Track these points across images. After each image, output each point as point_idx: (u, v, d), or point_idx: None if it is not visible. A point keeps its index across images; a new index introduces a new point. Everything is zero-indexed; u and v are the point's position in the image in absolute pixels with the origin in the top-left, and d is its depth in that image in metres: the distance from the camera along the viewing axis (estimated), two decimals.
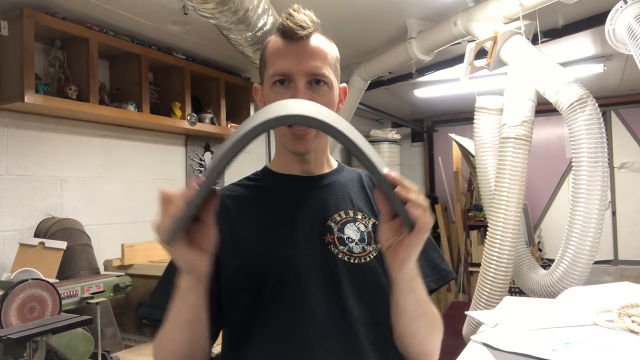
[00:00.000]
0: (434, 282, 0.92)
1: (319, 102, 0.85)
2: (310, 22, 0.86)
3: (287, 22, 0.85)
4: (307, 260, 0.84)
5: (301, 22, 0.85)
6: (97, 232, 2.46)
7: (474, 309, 2.16)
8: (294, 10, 0.87)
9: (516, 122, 2.03)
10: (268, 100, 0.89)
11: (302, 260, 0.83)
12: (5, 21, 2.01)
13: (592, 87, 2.11)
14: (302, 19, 0.86)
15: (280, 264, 0.84)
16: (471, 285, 4.19)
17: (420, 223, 0.66)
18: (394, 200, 0.65)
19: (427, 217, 0.67)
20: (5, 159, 2.12)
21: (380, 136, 4.93)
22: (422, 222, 0.66)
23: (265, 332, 0.82)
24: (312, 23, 0.87)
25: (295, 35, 0.85)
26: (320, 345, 0.80)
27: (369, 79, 3.24)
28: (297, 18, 0.85)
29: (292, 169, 0.93)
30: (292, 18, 0.85)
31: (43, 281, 1.56)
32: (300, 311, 0.81)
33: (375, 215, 0.92)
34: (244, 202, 0.91)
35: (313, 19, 0.88)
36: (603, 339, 0.96)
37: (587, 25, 2.57)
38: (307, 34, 0.86)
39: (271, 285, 0.83)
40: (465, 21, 2.32)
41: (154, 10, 2.23)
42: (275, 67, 0.86)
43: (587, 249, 1.84)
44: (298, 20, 0.85)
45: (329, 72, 0.87)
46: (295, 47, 0.86)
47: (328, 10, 2.38)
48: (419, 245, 0.70)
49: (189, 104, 2.79)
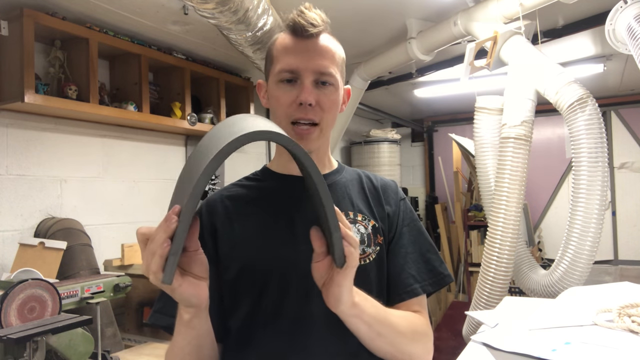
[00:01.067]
0: (431, 286, 0.92)
1: (324, 102, 0.86)
2: (320, 20, 0.87)
3: (298, 19, 0.85)
4: (307, 262, 0.83)
5: (312, 19, 0.85)
6: (97, 232, 2.46)
7: (474, 309, 2.16)
8: (305, 7, 0.87)
9: (516, 122, 2.03)
10: (273, 97, 0.89)
11: (303, 262, 0.83)
12: (5, 21, 2.01)
13: (592, 87, 2.11)
14: (313, 17, 0.86)
15: (281, 266, 0.83)
16: (471, 285, 4.19)
17: (351, 261, 0.69)
18: (336, 236, 0.67)
19: (357, 254, 0.70)
20: (5, 159, 2.12)
21: (380, 136, 4.93)
22: (353, 259, 0.69)
23: (266, 333, 0.82)
24: (322, 22, 0.87)
25: (305, 32, 0.85)
26: (320, 347, 0.80)
27: (369, 79, 3.24)
28: (308, 15, 0.85)
29: (293, 169, 0.92)
30: (303, 15, 0.85)
31: (43, 281, 1.56)
32: (301, 313, 0.81)
33: (375, 217, 0.92)
34: (243, 203, 0.91)
35: (323, 18, 0.88)
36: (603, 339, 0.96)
37: (587, 25, 2.57)
38: (317, 32, 0.86)
39: (271, 286, 0.82)
40: (465, 21, 2.32)
41: (154, 10, 2.23)
42: (283, 63, 0.86)
43: (587, 249, 1.84)
44: (309, 18, 0.85)
45: (335, 71, 0.87)
46: (305, 44, 0.86)
47: (328, 10, 2.36)
48: (350, 281, 0.72)
49: (189, 104, 2.79)
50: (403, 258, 0.91)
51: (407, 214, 0.96)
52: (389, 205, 0.95)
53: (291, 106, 0.85)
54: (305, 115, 0.85)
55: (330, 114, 0.88)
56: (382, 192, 0.97)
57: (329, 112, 0.87)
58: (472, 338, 1.01)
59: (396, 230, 0.93)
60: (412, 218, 0.97)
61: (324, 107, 0.86)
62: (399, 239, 0.93)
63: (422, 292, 0.91)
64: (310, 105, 0.84)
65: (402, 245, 0.92)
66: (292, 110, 0.85)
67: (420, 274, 0.90)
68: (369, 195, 0.95)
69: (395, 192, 0.99)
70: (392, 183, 1.01)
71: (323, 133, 0.89)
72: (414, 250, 0.92)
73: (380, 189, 0.97)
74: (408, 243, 0.93)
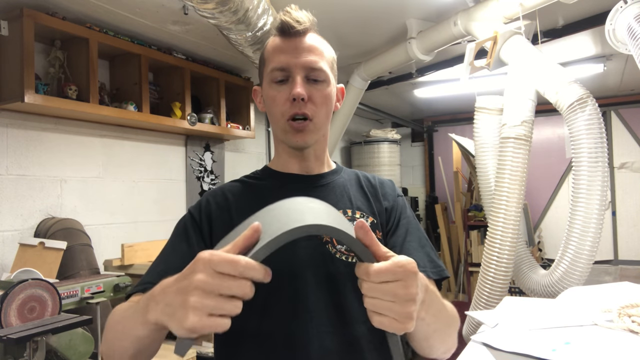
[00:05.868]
0: (433, 274, 0.92)
1: (316, 97, 0.88)
2: (306, 18, 0.90)
3: (284, 18, 0.88)
4: (304, 259, 0.84)
5: (298, 17, 0.88)
6: (97, 232, 2.46)
7: (474, 309, 2.16)
8: (291, 8, 0.91)
9: (516, 122, 2.03)
10: (268, 98, 0.91)
11: (300, 259, 0.84)
12: (5, 21, 2.01)
13: (592, 87, 2.11)
14: (298, 15, 0.89)
15: (278, 262, 0.83)
16: (471, 285, 4.19)
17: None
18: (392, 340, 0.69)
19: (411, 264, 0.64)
20: (5, 159, 2.12)
21: (380, 136, 4.92)
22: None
23: (261, 331, 0.82)
24: (308, 20, 0.90)
25: (292, 29, 0.87)
26: (317, 344, 0.80)
27: (369, 79, 3.24)
28: (294, 14, 0.89)
29: (292, 168, 0.94)
30: (289, 14, 0.89)
31: (43, 281, 1.56)
32: (297, 310, 0.81)
33: (374, 213, 0.93)
34: (242, 199, 0.92)
35: (309, 17, 0.91)
36: (603, 339, 0.96)
37: (587, 25, 2.57)
38: (304, 29, 0.89)
39: (267, 283, 0.82)
40: (465, 21, 2.32)
41: (154, 10, 2.23)
42: (273, 62, 0.89)
43: (587, 249, 1.84)
44: (295, 16, 0.88)
45: (325, 67, 0.90)
46: (293, 42, 0.88)
47: (328, 10, 2.38)
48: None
49: (189, 104, 2.79)
50: (402, 246, 0.91)
51: (404, 210, 0.97)
52: (386, 200, 0.97)
53: (285, 103, 0.87)
54: (299, 110, 0.87)
55: (323, 108, 0.90)
56: (380, 189, 0.98)
57: (322, 107, 0.89)
58: (472, 338, 1.01)
59: (394, 224, 0.94)
60: (410, 214, 0.98)
61: (316, 102, 0.88)
62: (396, 230, 0.94)
63: (428, 276, 0.89)
64: (303, 100, 0.86)
65: (399, 236, 0.93)
66: (286, 107, 0.87)
67: (421, 261, 0.90)
68: (367, 191, 0.97)
69: (393, 189, 1.00)
70: (389, 181, 1.03)
71: (317, 128, 0.90)
72: (413, 240, 0.93)
73: (378, 185, 0.99)
74: (407, 234, 0.93)
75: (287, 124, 0.88)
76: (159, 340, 0.73)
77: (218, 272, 0.55)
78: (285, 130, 0.89)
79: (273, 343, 0.81)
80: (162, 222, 2.83)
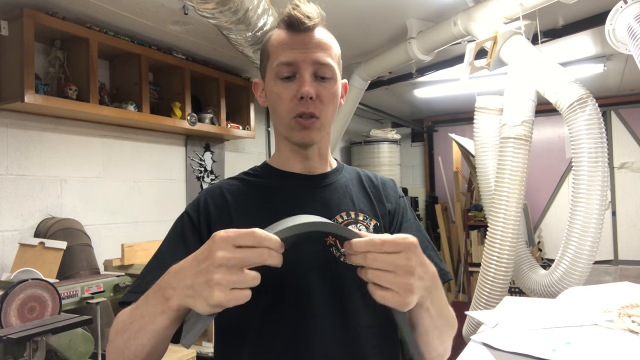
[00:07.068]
0: None
1: (324, 95, 0.86)
2: (316, 13, 0.87)
3: (293, 12, 0.85)
4: (308, 262, 0.82)
5: (307, 12, 0.85)
6: (97, 232, 2.46)
7: (474, 309, 2.16)
8: (300, 1, 0.87)
9: (516, 122, 2.03)
10: (272, 94, 0.88)
11: (304, 262, 0.82)
12: (5, 21, 2.01)
13: (592, 87, 2.11)
14: (308, 10, 0.86)
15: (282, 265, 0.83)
16: (471, 285, 4.19)
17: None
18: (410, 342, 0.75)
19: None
20: (5, 159, 2.12)
21: (380, 136, 4.93)
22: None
23: (263, 336, 0.81)
24: (318, 15, 0.87)
25: (302, 24, 0.85)
26: (321, 349, 0.79)
27: (369, 79, 3.24)
28: (303, 9, 0.86)
29: (293, 167, 0.92)
30: (298, 8, 0.85)
31: (43, 281, 1.56)
32: (301, 314, 0.80)
33: (377, 216, 0.92)
34: (243, 199, 0.90)
35: (319, 11, 0.88)
36: (603, 339, 0.96)
37: (587, 25, 2.57)
38: (313, 25, 0.86)
39: (270, 286, 0.81)
40: (465, 21, 2.32)
41: (154, 10, 2.23)
42: (280, 57, 0.85)
43: (587, 249, 1.84)
44: (305, 11, 0.85)
45: (333, 63, 0.87)
46: (301, 37, 0.85)
47: (328, 10, 2.36)
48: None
49: (189, 104, 2.79)
50: None
51: (406, 211, 0.97)
52: (389, 202, 0.95)
53: (292, 101, 0.85)
54: (307, 109, 0.84)
55: (330, 107, 0.88)
56: (382, 189, 0.97)
57: (329, 105, 0.87)
58: (472, 338, 1.01)
59: (396, 227, 0.93)
60: (411, 215, 0.97)
61: (324, 100, 0.86)
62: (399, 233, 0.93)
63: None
64: (311, 98, 0.84)
65: None
66: (293, 105, 0.85)
67: None
68: (369, 192, 0.95)
69: (394, 189, 0.99)
70: (391, 181, 1.02)
71: (324, 126, 0.88)
72: None
73: (381, 186, 0.98)
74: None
75: (293, 121, 0.85)
76: (170, 335, 0.72)
77: (237, 245, 0.59)
78: (290, 126, 0.86)
79: (275, 348, 0.80)
80: (162, 222, 2.83)
